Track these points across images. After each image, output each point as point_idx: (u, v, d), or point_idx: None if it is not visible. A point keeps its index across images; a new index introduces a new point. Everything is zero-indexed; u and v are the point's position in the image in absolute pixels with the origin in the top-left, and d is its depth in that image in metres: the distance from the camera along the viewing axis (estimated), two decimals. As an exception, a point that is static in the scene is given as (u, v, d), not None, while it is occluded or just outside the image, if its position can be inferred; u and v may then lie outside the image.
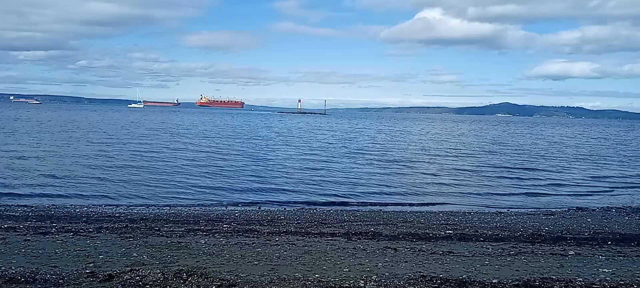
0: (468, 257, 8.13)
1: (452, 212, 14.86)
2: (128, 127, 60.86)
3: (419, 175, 23.84)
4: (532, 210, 15.78)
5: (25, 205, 13.85)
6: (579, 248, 9.04)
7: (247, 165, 25.63)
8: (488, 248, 8.89)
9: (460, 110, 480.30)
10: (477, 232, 10.83)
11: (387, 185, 20.44)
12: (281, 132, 59.44)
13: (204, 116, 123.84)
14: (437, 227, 11.51)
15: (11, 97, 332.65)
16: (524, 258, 8.10)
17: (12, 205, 13.89)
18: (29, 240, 8.50)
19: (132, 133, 49.16)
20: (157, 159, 26.92)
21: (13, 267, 6.61)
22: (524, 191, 20.23)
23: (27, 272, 6.37)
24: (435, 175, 23.92)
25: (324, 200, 16.95)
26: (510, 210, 15.66)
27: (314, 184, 20.16)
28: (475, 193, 19.23)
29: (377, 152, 35.37)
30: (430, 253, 8.29)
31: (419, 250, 8.50)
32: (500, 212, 14.90)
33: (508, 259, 8.03)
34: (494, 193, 19.39)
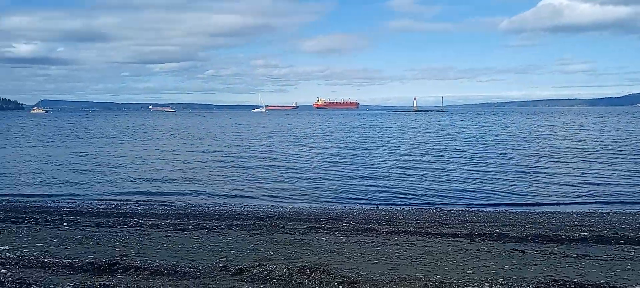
0: (607, 260, 7.47)
1: (587, 212, 13.72)
2: (252, 130, 64.30)
3: (549, 175, 22.26)
4: (685, 210, 14.03)
5: (165, 204, 15.27)
6: None
7: (363, 164, 25.81)
8: (630, 252, 8.09)
9: (594, 102, 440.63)
10: (617, 233, 9.90)
11: (512, 185, 19.37)
12: (395, 131, 58.97)
13: (321, 118, 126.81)
14: (570, 228, 10.70)
15: (150, 107, 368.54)
16: (674, 264, 7.25)
17: (155, 203, 15.38)
18: (169, 236, 9.36)
19: (255, 136, 51.86)
20: (279, 160, 28.12)
21: (157, 260, 7.32)
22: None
23: (169, 265, 7.01)
24: (567, 174, 22.20)
25: (443, 200, 16.55)
26: (657, 210, 14.06)
27: (432, 183, 19.76)
28: (614, 193, 17.52)
29: (501, 151, 33.68)
30: (563, 256, 7.74)
31: (549, 253, 7.97)
32: (645, 213, 13.45)
33: (655, 264, 7.24)
34: (638, 191, 17.55)
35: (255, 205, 15.33)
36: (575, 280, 6.35)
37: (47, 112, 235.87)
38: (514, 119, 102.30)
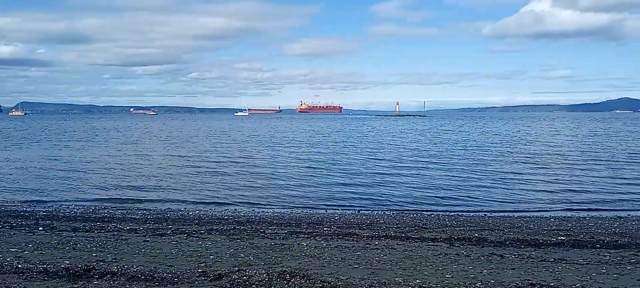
0: (583, 264, 7.59)
1: (564, 217, 13.94)
2: (234, 134, 63.98)
3: (526, 180, 22.57)
4: (659, 215, 14.31)
5: (144, 208, 15.07)
6: None
7: (344, 169, 25.84)
8: (606, 256, 8.23)
9: (573, 108, 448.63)
10: (593, 238, 10.07)
11: (491, 190, 19.59)
12: (378, 136, 59.23)
13: (303, 122, 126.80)
14: (548, 232, 10.85)
15: (131, 110, 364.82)
16: (648, 268, 7.39)
17: (134, 208, 15.18)
18: (148, 240, 9.24)
19: (235, 140, 51.59)
20: (259, 165, 28.01)
21: (134, 266, 7.21)
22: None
23: (147, 271, 6.92)
24: (545, 180, 22.52)
25: (423, 205, 16.65)
26: (631, 214, 14.34)
27: (413, 188, 19.87)
28: (591, 198, 17.82)
29: (480, 156, 34.03)
30: (540, 261, 7.85)
31: (527, 257, 8.07)
32: (620, 217, 13.71)
33: (628, 268, 7.38)
34: (613, 197, 17.87)
35: (235, 210, 15.23)
36: (552, 284, 6.43)
37: (26, 114, 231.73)
38: (493, 124, 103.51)
